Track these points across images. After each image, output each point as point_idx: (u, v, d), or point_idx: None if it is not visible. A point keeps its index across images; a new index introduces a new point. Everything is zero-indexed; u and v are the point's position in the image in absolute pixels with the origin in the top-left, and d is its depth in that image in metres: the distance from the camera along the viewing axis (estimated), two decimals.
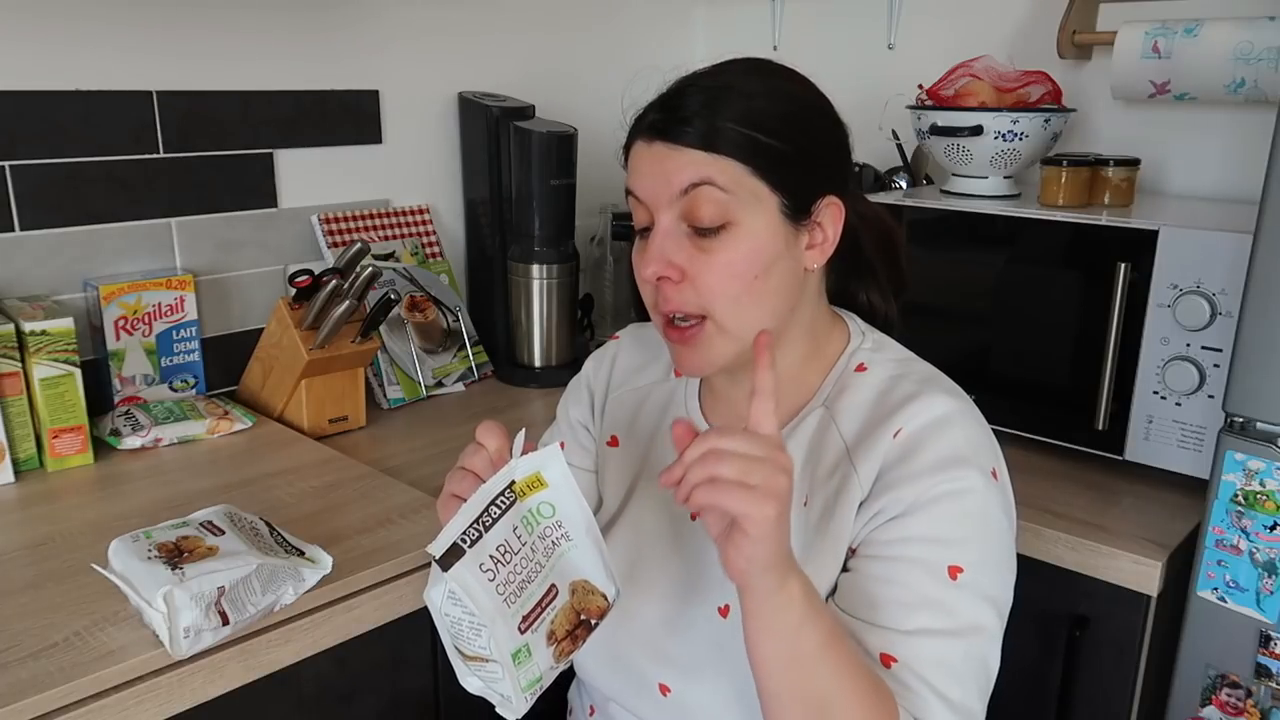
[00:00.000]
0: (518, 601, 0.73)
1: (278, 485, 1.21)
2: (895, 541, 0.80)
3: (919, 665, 0.77)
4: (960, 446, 0.82)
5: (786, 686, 0.73)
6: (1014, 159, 1.46)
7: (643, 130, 0.84)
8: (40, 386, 1.23)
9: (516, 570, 0.73)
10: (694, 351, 0.85)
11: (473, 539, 0.71)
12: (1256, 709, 1.07)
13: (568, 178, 1.68)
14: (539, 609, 0.74)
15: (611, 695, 0.94)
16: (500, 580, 0.72)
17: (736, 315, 0.83)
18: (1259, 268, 1.01)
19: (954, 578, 0.79)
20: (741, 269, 0.82)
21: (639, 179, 0.84)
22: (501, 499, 0.73)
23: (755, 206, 0.82)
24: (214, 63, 1.49)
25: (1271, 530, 1.04)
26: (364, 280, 1.39)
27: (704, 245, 0.82)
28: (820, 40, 1.99)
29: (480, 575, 0.71)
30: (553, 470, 0.75)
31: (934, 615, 0.78)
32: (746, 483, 0.66)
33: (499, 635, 0.72)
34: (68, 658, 0.85)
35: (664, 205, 0.82)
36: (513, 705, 0.74)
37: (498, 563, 0.72)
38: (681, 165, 0.81)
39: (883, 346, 0.93)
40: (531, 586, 0.74)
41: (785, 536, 0.70)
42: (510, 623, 0.73)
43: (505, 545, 0.73)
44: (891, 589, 0.79)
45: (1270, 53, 1.37)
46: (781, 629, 0.71)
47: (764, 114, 0.82)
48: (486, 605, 0.71)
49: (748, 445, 0.67)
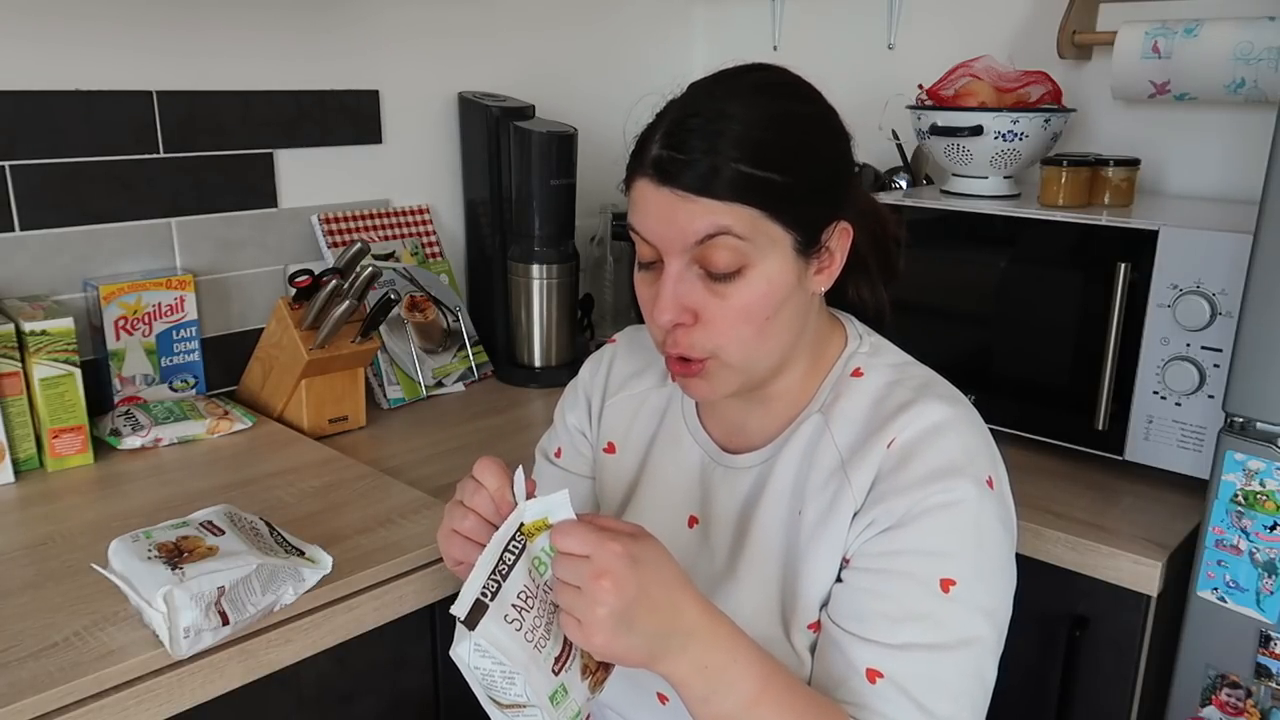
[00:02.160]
0: (547, 645, 0.72)
1: (278, 485, 1.21)
2: (886, 554, 0.79)
3: (905, 680, 0.76)
4: (954, 456, 0.81)
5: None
6: (1014, 159, 1.46)
7: (646, 169, 0.80)
8: (40, 386, 1.23)
9: (540, 615, 0.72)
10: (701, 382, 0.84)
11: (493, 591, 0.70)
12: (1256, 709, 1.07)
13: (568, 178, 1.68)
14: (569, 648, 0.74)
15: (609, 704, 0.94)
16: (527, 628, 0.71)
17: (744, 354, 0.82)
18: (1259, 268, 1.01)
19: (946, 590, 0.78)
20: (755, 312, 0.81)
21: (646, 220, 0.81)
22: (513, 544, 0.72)
23: (770, 249, 0.79)
24: (214, 63, 1.49)
25: (1271, 530, 1.04)
26: (364, 280, 1.39)
27: (717, 290, 0.80)
28: (820, 40, 1.99)
29: (507, 627, 0.70)
30: (558, 515, 0.74)
31: (924, 629, 0.77)
32: (571, 583, 0.68)
33: (535, 681, 0.71)
34: (68, 658, 0.85)
35: (675, 252, 0.80)
36: None
37: (521, 610, 0.71)
38: (694, 215, 0.77)
39: (880, 350, 0.91)
40: (556, 628, 0.73)
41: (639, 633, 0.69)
42: (544, 667, 0.72)
43: (525, 591, 0.72)
44: (880, 602, 0.79)
45: (1270, 53, 1.37)
46: (688, 698, 0.72)
47: (773, 148, 0.78)
48: (518, 655, 0.70)
49: (578, 544, 0.69)
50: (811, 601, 0.83)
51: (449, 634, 1.08)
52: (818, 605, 0.83)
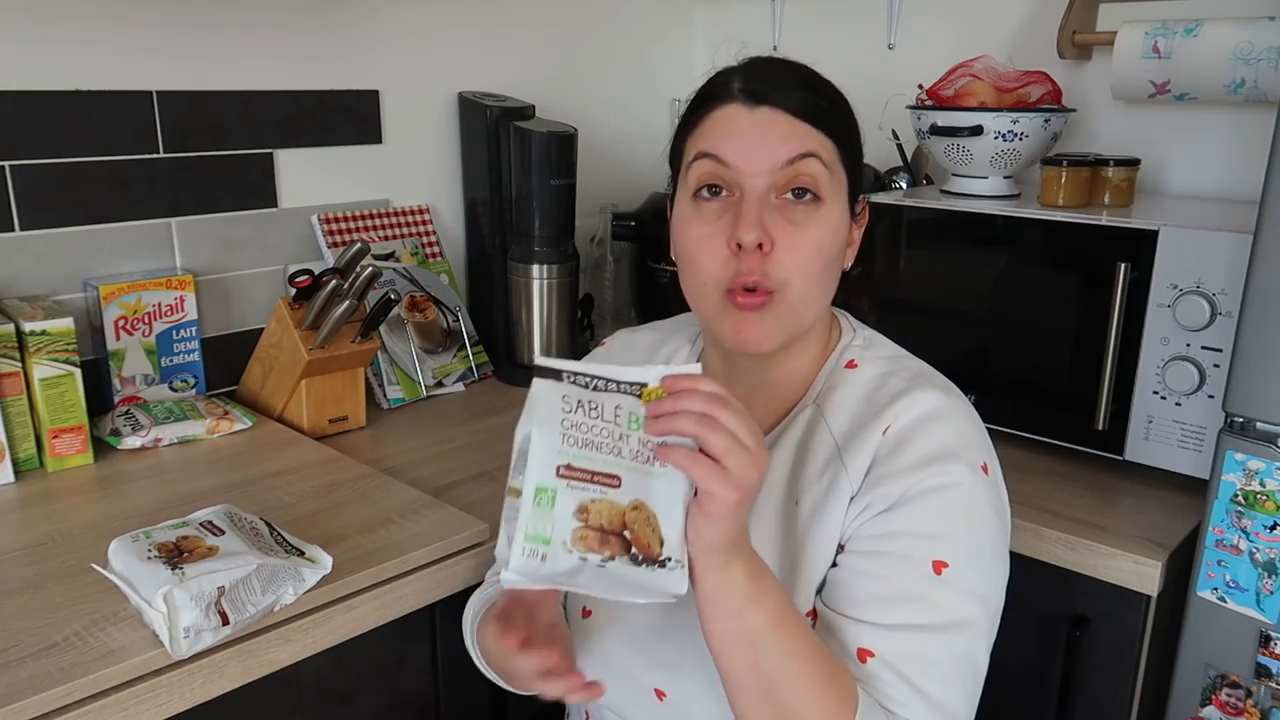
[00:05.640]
0: (574, 449, 0.68)
1: (278, 485, 1.21)
2: (880, 536, 0.80)
3: (896, 659, 0.77)
4: (948, 441, 0.82)
5: (734, 664, 0.73)
6: (1014, 159, 1.46)
7: (733, 96, 0.84)
8: (40, 386, 1.23)
9: (594, 431, 0.69)
10: (763, 319, 0.83)
11: (575, 379, 0.68)
12: (1256, 709, 1.07)
13: (568, 178, 1.68)
14: (589, 476, 0.68)
15: (606, 705, 0.94)
16: (571, 422, 0.68)
17: (807, 294, 0.84)
18: (1259, 268, 1.01)
19: (938, 573, 0.78)
20: (826, 247, 0.84)
21: (733, 142, 0.83)
22: (626, 386, 0.69)
23: (838, 190, 0.84)
24: (214, 63, 1.49)
25: (1271, 530, 1.04)
26: (364, 280, 1.39)
27: (795, 218, 0.82)
28: (820, 40, 1.99)
29: (557, 401, 0.68)
30: None
31: (916, 610, 0.78)
32: (722, 462, 0.66)
33: (536, 456, 0.67)
34: (68, 658, 0.85)
35: (762, 172, 0.82)
36: (508, 551, 0.68)
37: (580, 409, 0.68)
38: (789, 134, 0.82)
39: (873, 343, 0.93)
40: (596, 455, 0.68)
41: (739, 523, 0.69)
42: (551, 454, 0.68)
43: (600, 408, 0.69)
44: (873, 583, 0.79)
45: (1270, 53, 1.37)
46: (723, 608, 0.71)
47: (841, 102, 0.86)
48: (543, 418, 0.68)
49: (742, 428, 0.67)
50: (809, 591, 0.83)
51: (449, 634, 1.08)
52: (814, 594, 0.83)
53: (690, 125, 0.87)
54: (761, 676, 0.73)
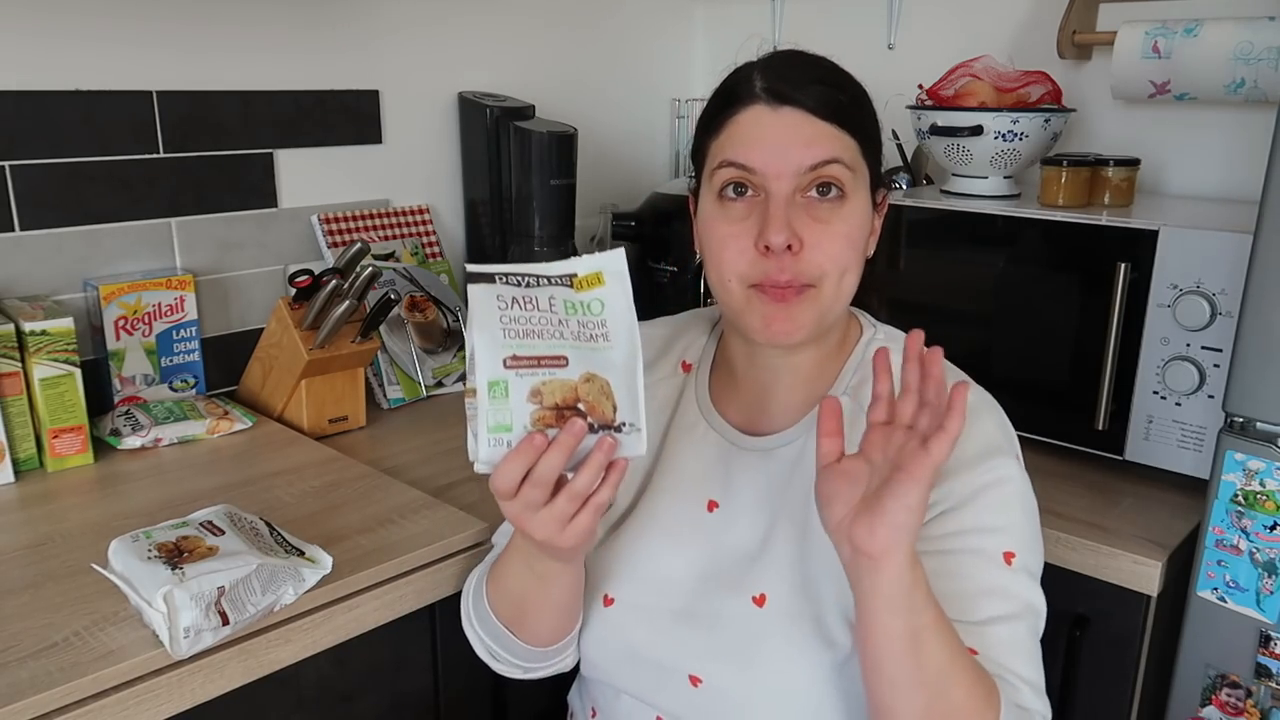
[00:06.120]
0: (516, 340, 0.72)
1: (278, 485, 1.21)
2: (950, 535, 0.82)
3: (998, 653, 0.79)
4: (994, 435, 0.86)
5: (901, 666, 0.73)
6: (1014, 159, 1.46)
7: (756, 97, 0.84)
8: (40, 386, 1.23)
9: (532, 322, 0.72)
10: (793, 311, 0.84)
11: (507, 279, 0.72)
12: (1256, 709, 1.07)
13: (568, 178, 1.68)
14: (535, 361, 0.72)
15: (627, 689, 0.94)
16: (510, 317, 0.71)
17: (838, 287, 0.85)
18: (1259, 268, 1.01)
19: (1009, 563, 0.82)
20: (854, 240, 0.85)
21: (757, 145, 0.84)
22: (558, 278, 0.73)
23: (860, 183, 0.86)
24: (214, 62, 1.49)
25: (1271, 530, 1.04)
26: (364, 280, 1.39)
27: (821, 215, 0.84)
28: (820, 40, 1.96)
29: (492, 301, 0.71)
30: (612, 269, 0.75)
31: (1000, 602, 0.81)
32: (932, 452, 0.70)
33: (481, 358, 0.71)
34: (68, 658, 0.85)
35: (788, 174, 0.83)
36: (475, 445, 0.72)
37: (516, 304, 0.72)
38: (813, 137, 0.83)
39: (895, 338, 0.94)
40: (539, 342, 0.72)
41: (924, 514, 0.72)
42: (496, 348, 0.71)
43: (534, 301, 0.72)
44: (955, 582, 0.81)
45: (1270, 53, 1.37)
46: (901, 603, 0.72)
47: (863, 97, 0.88)
48: (483, 319, 0.71)
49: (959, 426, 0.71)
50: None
51: (449, 634, 1.08)
52: None
53: (714, 128, 0.88)
54: (931, 676, 0.73)
